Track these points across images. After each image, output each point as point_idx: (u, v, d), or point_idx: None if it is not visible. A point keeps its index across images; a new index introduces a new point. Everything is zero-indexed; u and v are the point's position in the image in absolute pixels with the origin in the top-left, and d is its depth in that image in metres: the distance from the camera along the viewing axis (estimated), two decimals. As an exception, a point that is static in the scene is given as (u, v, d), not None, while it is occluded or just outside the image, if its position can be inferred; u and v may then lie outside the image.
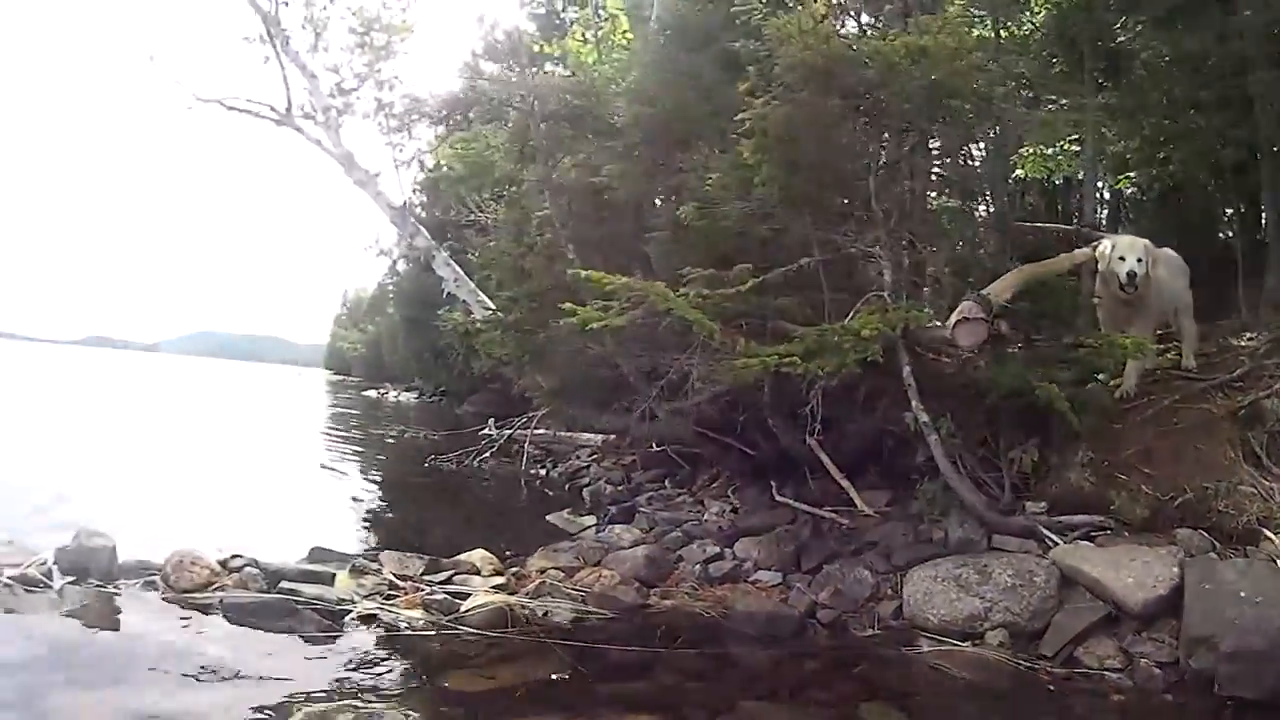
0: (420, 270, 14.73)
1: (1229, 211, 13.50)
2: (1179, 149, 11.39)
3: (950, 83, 6.58)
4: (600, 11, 13.24)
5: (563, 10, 18.90)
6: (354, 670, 4.45)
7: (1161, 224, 13.38)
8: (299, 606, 5.12)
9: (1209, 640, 4.88)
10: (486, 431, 11.61)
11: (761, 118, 6.48)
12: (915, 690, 4.99)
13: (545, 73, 10.07)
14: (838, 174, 7.06)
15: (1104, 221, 13.56)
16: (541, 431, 10.94)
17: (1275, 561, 5.56)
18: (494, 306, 9.56)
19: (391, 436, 14.24)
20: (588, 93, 8.46)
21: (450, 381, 16.81)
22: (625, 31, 12.62)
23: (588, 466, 10.43)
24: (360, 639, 4.87)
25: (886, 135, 7.42)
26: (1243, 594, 5.04)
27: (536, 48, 10.01)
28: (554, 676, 4.57)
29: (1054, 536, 6.09)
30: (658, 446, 9.19)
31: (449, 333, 9.59)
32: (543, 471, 10.76)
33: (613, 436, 9.97)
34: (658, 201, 8.71)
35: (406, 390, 32.04)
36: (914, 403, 6.29)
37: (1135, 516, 6.23)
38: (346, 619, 5.05)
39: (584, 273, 6.60)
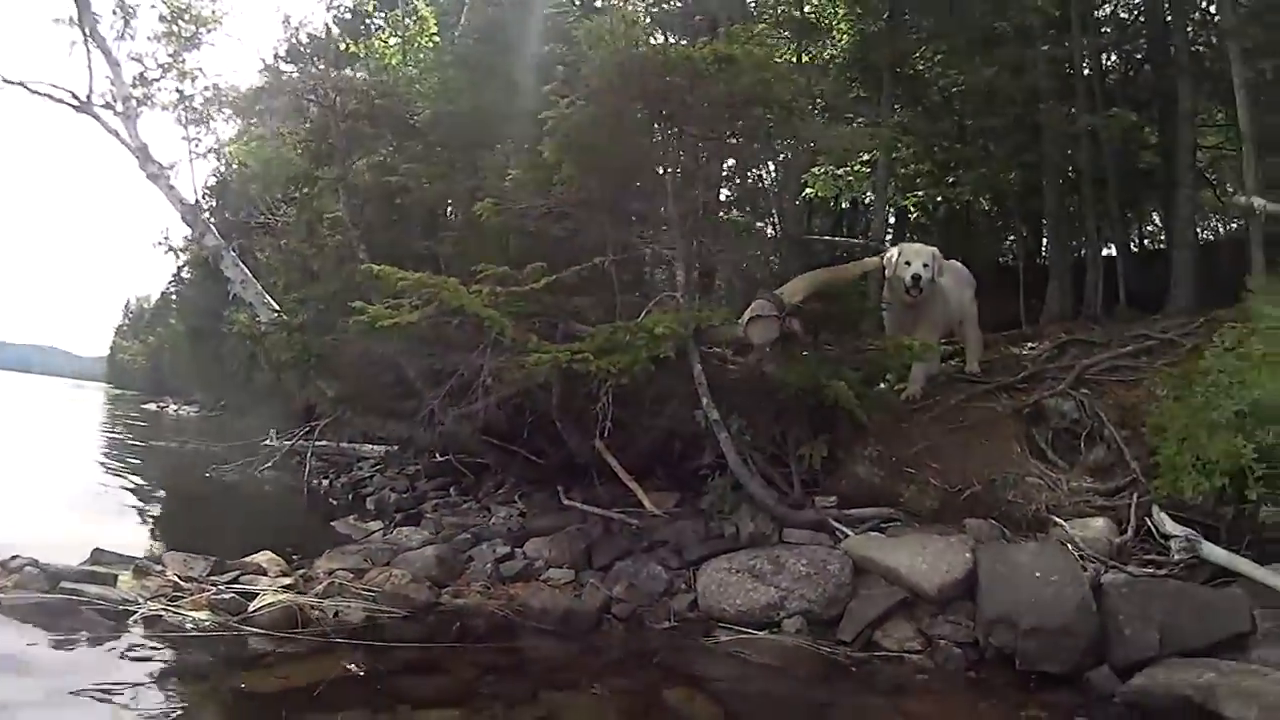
0: (205, 278, 14.48)
1: (1011, 237, 14.53)
2: (968, 172, 12.15)
3: (755, 91, 6.86)
4: (409, 13, 13.39)
5: (370, 14, 18.95)
6: (138, 670, 4.36)
7: (946, 244, 14.27)
8: (81, 607, 4.99)
9: (1007, 619, 5.33)
10: (268, 443, 11.47)
11: (565, 118, 6.67)
12: (716, 676, 5.18)
13: (349, 72, 10.04)
14: (636, 176, 7.32)
15: (889, 240, 14.36)
16: (324, 443, 10.79)
17: (1066, 545, 6.07)
18: (280, 309, 9.51)
19: (171, 448, 13.95)
20: (390, 92, 8.57)
21: (232, 394, 16.55)
22: (433, 34, 12.77)
23: (371, 477, 10.44)
24: (145, 639, 4.77)
25: (685, 142, 7.63)
26: (1037, 574, 5.52)
27: (342, 46, 9.95)
28: (349, 674, 4.59)
29: (844, 529, 6.48)
30: (442, 456, 9.25)
31: (234, 336, 9.54)
32: (325, 482, 10.72)
33: (396, 447, 10.00)
34: (450, 205, 8.89)
35: (187, 404, 31.30)
36: (705, 401, 6.52)
37: (924, 508, 6.71)
38: (131, 619, 4.94)
39: (376, 269, 6.68)
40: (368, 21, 19.31)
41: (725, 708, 4.77)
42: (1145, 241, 17.03)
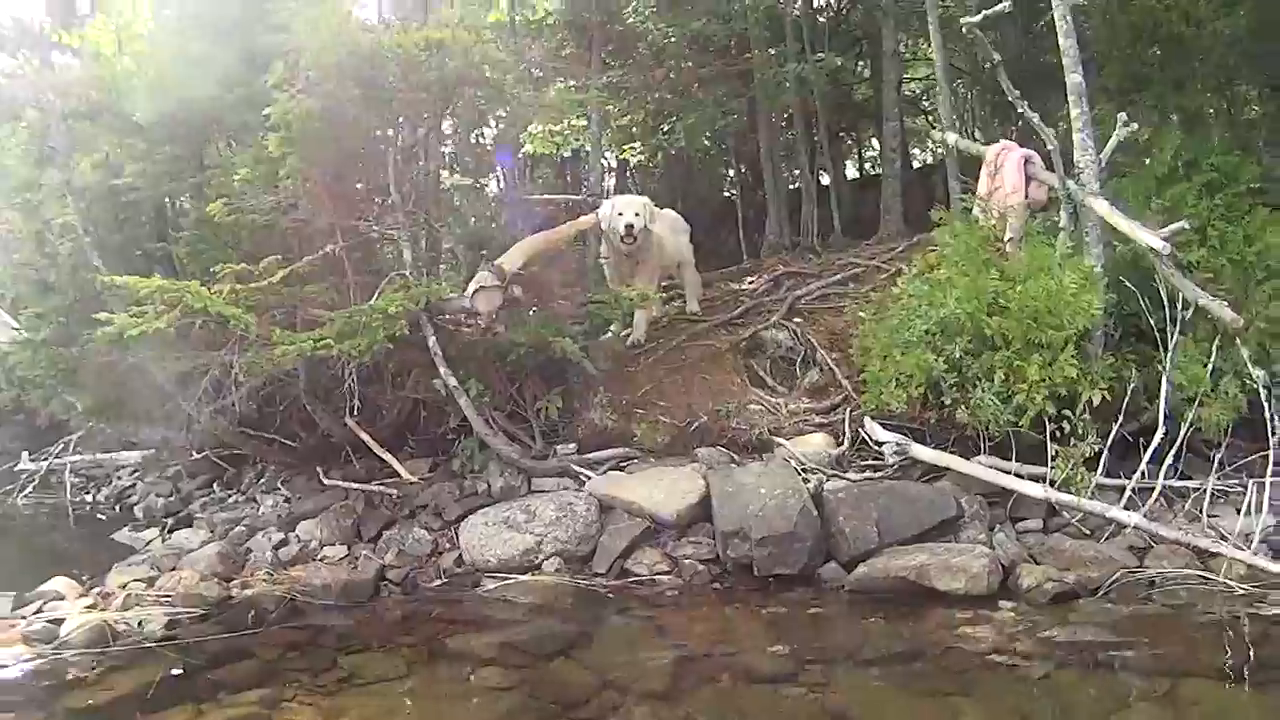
0: None
1: (731, 173, 15.63)
2: (682, 120, 13.06)
3: (465, 73, 7.49)
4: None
5: None
6: None
7: (669, 187, 15.34)
8: None
9: (740, 532, 6.24)
10: (22, 466, 11.21)
11: (286, 111, 7.02)
12: (489, 620, 5.96)
13: (64, 65, 9.85)
14: (359, 162, 7.81)
15: (612, 189, 15.19)
16: (80, 457, 10.79)
17: (789, 462, 7.09)
18: (18, 325, 9.41)
19: None
20: (108, 87, 8.44)
21: None
22: (148, 20, 12.41)
23: (133, 485, 10.40)
24: None
25: (404, 123, 8.11)
26: (763, 490, 6.45)
27: (55, 37, 9.69)
28: (168, 675, 5.04)
29: (586, 472, 7.33)
30: (199, 453, 9.37)
31: None
32: (89, 497, 10.64)
33: (152, 451, 10.07)
34: (182, 200, 8.99)
35: None
36: (442, 370, 7.18)
37: (656, 443, 7.61)
38: None
39: (116, 279, 6.93)
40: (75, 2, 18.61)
41: (500, 644, 5.45)
42: (867, 168, 18.56)
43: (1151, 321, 6.58)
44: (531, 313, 7.89)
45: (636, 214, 8.49)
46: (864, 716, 4.36)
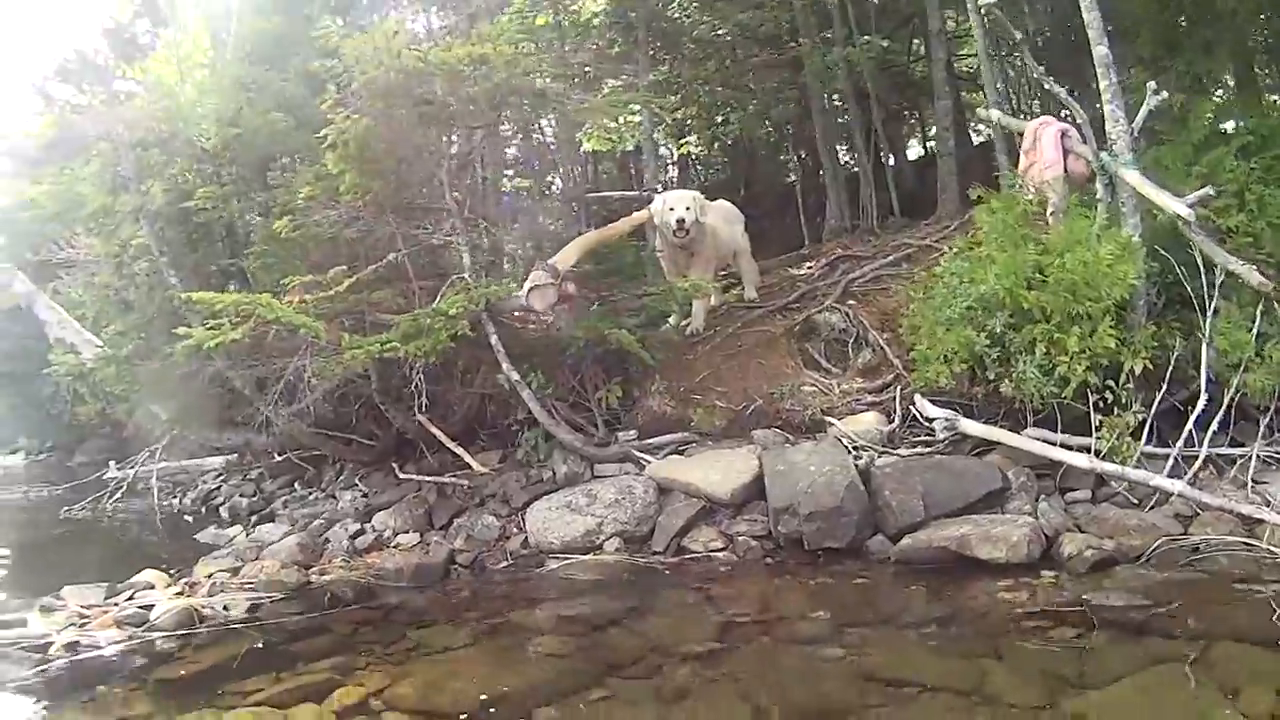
0: (6, 322, 14.28)
1: (792, 160, 15.89)
2: (736, 110, 13.39)
3: (510, 84, 7.92)
4: (182, 29, 13.37)
5: (134, 26, 18.68)
6: (70, 682, 5.27)
7: (732, 175, 15.63)
8: (7, 649, 5.74)
9: (790, 508, 6.60)
10: (110, 475, 11.81)
11: (342, 131, 7.47)
12: (551, 595, 6.46)
13: (129, 95, 10.29)
14: (414, 174, 8.26)
15: (673, 181, 15.59)
16: (165, 464, 11.38)
17: (841, 440, 7.42)
18: (101, 343, 10.00)
19: (13, 499, 14.04)
20: (174, 116, 8.90)
21: (57, 434, 16.51)
22: (207, 49, 12.89)
23: (218, 488, 11.03)
24: (70, 662, 5.57)
25: (457, 133, 8.67)
26: (812, 468, 6.78)
27: (118, 72, 10.13)
28: (250, 649, 5.61)
29: (646, 457, 7.78)
30: (280, 455, 9.93)
31: (62, 378, 9.95)
32: (176, 501, 11.28)
33: (235, 455, 10.65)
34: (250, 219, 9.41)
35: (11, 453, 29.96)
36: (505, 365, 7.67)
37: (713, 427, 8.02)
38: (51, 650, 5.69)
39: (194, 296, 7.44)
40: (133, 31, 19.26)
41: (559, 617, 5.97)
42: (931, 146, 18.66)
43: (1190, 290, 6.66)
44: (591, 307, 8.39)
45: (687, 208, 8.79)
46: (895, 676, 4.58)
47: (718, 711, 4.37)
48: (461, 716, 4.34)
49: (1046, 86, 7.54)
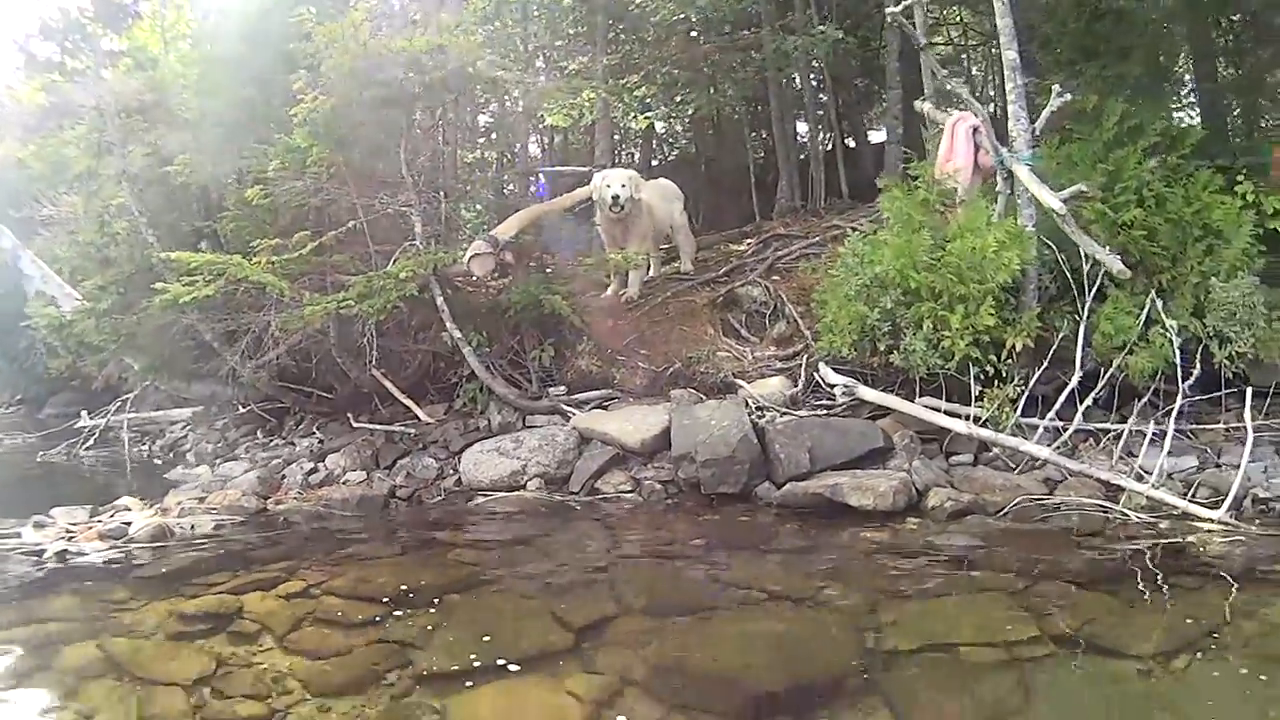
0: None
1: (751, 135, 16.84)
2: (694, 91, 14.39)
3: (464, 71, 9.01)
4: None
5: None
6: (71, 581, 6.28)
7: (696, 153, 16.60)
8: (8, 553, 6.84)
9: (689, 456, 7.70)
10: (82, 424, 12.40)
11: (311, 110, 8.48)
12: (477, 524, 7.58)
13: (115, 66, 10.91)
14: (375, 149, 9.20)
15: (636, 155, 16.57)
16: (135, 414, 12.33)
17: (746, 401, 8.44)
18: (81, 297, 10.67)
19: None
20: (157, 87, 9.90)
21: (28, 387, 17.09)
22: (191, 21, 13.48)
23: (185, 437, 11.85)
24: (61, 566, 6.67)
25: (418, 112, 9.72)
26: (713, 423, 7.84)
27: (105, 38, 10.78)
28: (217, 555, 6.75)
29: (573, 410, 8.93)
30: (245, 407, 10.83)
31: (42, 329, 10.69)
32: (145, 448, 12.09)
33: (202, 407, 11.52)
34: (225, 185, 9.96)
35: None
36: (449, 324, 8.81)
37: (635, 385, 9.15)
38: (45, 556, 6.78)
39: (171, 255, 8.51)
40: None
41: (479, 538, 7.17)
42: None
43: (1071, 277, 7.55)
44: (530, 274, 9.44)
45: (623, 185, 9.90)
46: (739, 584, 5.72)
47: (592, 603, 5.46)
48: (384, 599, 5.51)
49: (949, 87, 8.51)
